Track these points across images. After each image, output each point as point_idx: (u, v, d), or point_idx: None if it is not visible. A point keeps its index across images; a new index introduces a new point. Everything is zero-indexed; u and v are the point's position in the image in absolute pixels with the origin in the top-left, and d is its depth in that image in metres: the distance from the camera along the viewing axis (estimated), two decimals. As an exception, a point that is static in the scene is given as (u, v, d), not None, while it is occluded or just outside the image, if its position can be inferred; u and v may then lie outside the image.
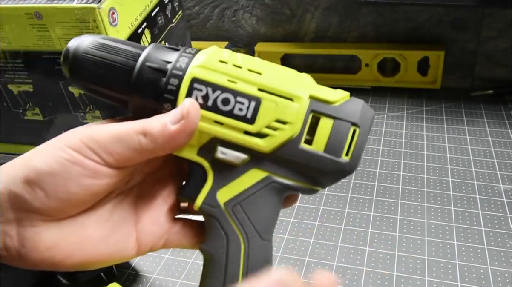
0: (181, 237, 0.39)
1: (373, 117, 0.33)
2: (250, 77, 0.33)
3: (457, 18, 0.80)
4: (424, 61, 0.83)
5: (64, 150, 0.33)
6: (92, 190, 0.34)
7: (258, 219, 0.35)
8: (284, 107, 0.33)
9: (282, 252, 0.55)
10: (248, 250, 0.35)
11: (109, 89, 0.35)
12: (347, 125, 0.32)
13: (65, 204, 0.34)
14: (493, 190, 0.63)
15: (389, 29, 0.85)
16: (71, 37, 0.60)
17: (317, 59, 0.90)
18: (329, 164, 0.33)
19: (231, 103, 0.33)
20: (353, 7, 0.84)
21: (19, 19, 0.61)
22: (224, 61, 0.33)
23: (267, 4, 0.88)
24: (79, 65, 0.34)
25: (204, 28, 0.93)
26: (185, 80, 0.33)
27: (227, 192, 0.35)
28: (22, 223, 0.34)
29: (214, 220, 0.35)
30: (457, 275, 0.53)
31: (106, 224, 0.37)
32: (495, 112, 0.78)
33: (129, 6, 0.62)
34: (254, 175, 0.34)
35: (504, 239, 0.56)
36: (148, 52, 0.34)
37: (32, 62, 0.65)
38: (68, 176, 0.33)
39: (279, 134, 0.32)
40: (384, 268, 0.54)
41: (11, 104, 0.71)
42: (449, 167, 0.67)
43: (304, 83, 0.34)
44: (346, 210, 0.61)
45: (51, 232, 0.35)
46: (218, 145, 0.34)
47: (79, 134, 0.34)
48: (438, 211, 0.60)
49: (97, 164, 0.33)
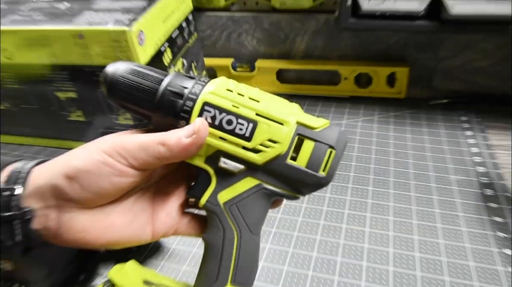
0: (188, 228, 0.39)
1: (346, 142, 0.34)
2: (250, 104, 0.34)
3: (419, 41, 0.81)
4: (392, 76, 0.83)
5: (99, 154, 0.34)
6: (119, 186, 0.35)
7: (250, 217, 0.35)
8: (276, 130, 0.33)
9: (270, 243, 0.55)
10: (240, 241, 0.35)
11: (137, 106, 0.36)
12: (325, 147, 0.33)
13: (96, 196, 0.35)
14: (444, 179, 0.63)
15: (364, 50, 0.85)
16: (107, 54, 0.61)
17: (305, 73, 0.90)
18: (309, 177, 0.34)
19: (234, 124, 0.34)
20: (335, 32, 0.85)
21: (65, 39, 0.61)
22: (230, 89, 0.34)
23: (265, 29, 0.88)
24: (114, 87, 0.35)
25: (214, 48, 0.94)
26: (198, 103, 0.34)
27: (226, 194, 0.35)
28: (60, 209, 0.35)
29: (214, 216, 0.36)
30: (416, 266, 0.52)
31: (129, 214, 0.37)
32: (449, 117, 0.78)
33: (154, 29, 0.63)
34: (249, 182, 0.35)
35: (455, 219, 0.56)
36: (170, 78, 0.35)
37: (75, 74, 0.65)
38: (100, 174, 0.34)
39: (270, 151, 0.33)
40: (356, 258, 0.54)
41: (58, 108, 0.71)
42: (411, 161, 0.67)
43: (293, 111, 0.35)
44: (327, 194, 0.62)
45: (83, 218, 0.35)
46: (221, 156, 0.35)
47: (111, 141, 0.35)
48: (400, 184, 0.61)
49: (124, 166, 0.34)
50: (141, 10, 0.61)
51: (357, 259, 0.51)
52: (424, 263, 0.50)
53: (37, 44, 0.63)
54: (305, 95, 0.88)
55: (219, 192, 0.35)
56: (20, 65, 0.67)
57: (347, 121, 0.78)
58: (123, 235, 0.36)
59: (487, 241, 0.52)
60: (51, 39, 0.62)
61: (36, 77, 0.67)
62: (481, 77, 0.81)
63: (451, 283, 0.48)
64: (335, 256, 0.52)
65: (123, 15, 0.61)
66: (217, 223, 0.35)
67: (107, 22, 0.59)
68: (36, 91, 0.69)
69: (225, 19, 0.90)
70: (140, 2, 0.64)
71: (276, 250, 0.53)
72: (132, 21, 0.58)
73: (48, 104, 0.70)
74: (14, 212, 0.34)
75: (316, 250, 0.53)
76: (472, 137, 0.72)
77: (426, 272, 0.49)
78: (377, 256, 0.52)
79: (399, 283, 0.48)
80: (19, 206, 0.34)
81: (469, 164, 0.66)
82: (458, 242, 0.53)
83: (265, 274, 0.50)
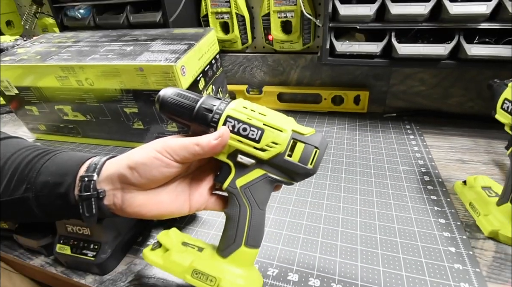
0: (214, 204, 0.39)
1: (327, 144, 0.35)
2: (259, 117, 0.34)
3: (376, 73, 0.80)
4: (358, 97, 0.82)
5: (152, 152, 0.34)
6: (166, 175, 0.35)
7: (258, 197, 0.35)
8: (277, 135, 0.34)
9: (273, 214, 0.54)
10: (251, 214, 0.35)
11: (180, 118, 0.36)
12: (312, 148, 0.34)
13: (150, 181, 0.35)
14: (395, 170, 0.62)
15: (338, 79, 0.84)
16: (160, 82, 0.61)
17: (297, 95, 0.89)
18: (301, 169, 0.34)
19: (247, 131, 0.34)
20: (318, 66, 0.84)
21: (130, 71, 0.61)
22: (245, 107, 0.35)
23: (270, 64, 0.88)
24: (164, 105, 0.35)
25: (234, 78, 0.93)
26: (222, 116, 0.34)
27: (242, 181, 0.35)
28: (124, 190, 0.35)
29: (233, 196, 0.36)
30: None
31: (173, 194, 0.37)
32: (397, 126, 0.77)
33: (192, 64, 0.63)
34: (258, 172, 0.35)
35: (404, 198, 0.55)
36: (203, 99, 0.35)
37: (137, 95, 0.65)
38: (152, 166, 0.34)
39: (273, 150, 0.34)
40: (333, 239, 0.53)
41: (125, 119, 0.71)
42: (371, 157, 0.66)
43: (289, 122, 0.35)
44: (311, 189, 0.61)
45: (140, 197, 0.36)
46: (239, 153, 0.35)
47: (161, 142, 0.35)
48: (364, 181, 0.60)
49: (170, 160, 0.34)
50: (183, 52, 0.61)
51: (335, 226, 0.50)
52: (381, 229, 0.49)
53: (110, 75, 0.63)
54: (297, 111, 0.87)
55: (237, 179, 0.35)
56: (99, 89, 0.66)
57: (326, 129, 0.78)
58: (168, 209, 0.36)
59: (427, 213, 0.51)
60: (120, 71, 0.62)
61: (110, 97, 0.67)
62: (419, 98, 0.80)
63: (401, 243, 0.47)
64: (319, 223, 0.51)
65: (171, 55, 0.60)
66: (235, 201, 0.35)
67: (160, 60, 0.59)
68: (110, 107, 0.69)
69: (241, 58, 0.90)
70: (183, 46, 0.63)
71: (277, 219, 0.52)
72: (177, 59, 0.58)
73: (118, 116, 0.70)
74: (92, 192, 0.34)
75: (305, 219, 0.52)
76: (414, 139, 0.71)
77: (383, 235, 0.48)
78: (348, 223, 0.51)
79: (364, 242, 0.47)
80: (95, 188, 0.34)
81: (412, 158, 0.65)
82: (406, 213, 0.52)
83: (269, 236, 0.49)
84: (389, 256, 0.45)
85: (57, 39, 0.80)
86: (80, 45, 0.73)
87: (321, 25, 0.75)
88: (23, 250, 0.50)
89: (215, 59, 0.72)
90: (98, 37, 0.77)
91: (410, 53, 0.63)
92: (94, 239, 0.44)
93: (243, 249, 0.35)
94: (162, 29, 0.76)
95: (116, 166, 0.35)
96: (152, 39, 0.69)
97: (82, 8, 0.88)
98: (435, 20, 0.61)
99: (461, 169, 0.61)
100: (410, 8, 0.60)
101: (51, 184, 0.35)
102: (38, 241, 0.47)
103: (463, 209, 0.52)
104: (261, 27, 0.84)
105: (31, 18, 1.08)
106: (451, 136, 0.72)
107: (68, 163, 0.36)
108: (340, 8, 0.63)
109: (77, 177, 0.35)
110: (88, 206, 0.34)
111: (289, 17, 0.79)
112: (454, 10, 0.57)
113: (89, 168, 0.35)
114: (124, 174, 0.34)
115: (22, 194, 0.35)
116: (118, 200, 0.35)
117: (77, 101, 0.70)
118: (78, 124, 0.76)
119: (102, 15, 0.87)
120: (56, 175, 0.35)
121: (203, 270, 0.35)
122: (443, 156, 0.65)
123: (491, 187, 0.53)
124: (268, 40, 0.85)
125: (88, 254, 0.44)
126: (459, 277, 0.41)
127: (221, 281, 0.34)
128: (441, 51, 0.61)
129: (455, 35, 0.61)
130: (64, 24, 0.92)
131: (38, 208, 0.36)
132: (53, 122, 0.78)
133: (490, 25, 0.58)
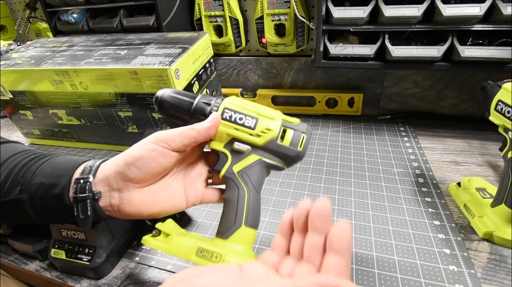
0: (209, 197, 0.40)
1: (312, 131, 0.38)
2: (252, 108, 0.37)
3: (370, 75, 0.80)
4: (351, 99, 0.82)
5: (147, 144, 0.34)
6: (163, 165, 0.35)
7: (254, 180, 0.37)
8: (270, 123, 0.37)
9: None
10: (249, 196, 0.36)
11: (179, 114, 0.38)
12: (300, 133, 0.37)
13: (148, 174, 0.35)
14: (390, 172, 0.62)
15: (332, 82, 0.84)
16: (154, 85, 0.61)
17: (291, 98, 0.89)
18: (292, 151, 0.36)
19: (243, 120, 0.37)
20: (311, 69, 0.84)
21: (124, 75, 0.61)
22: (240, 101, 0.38)
23: (263, 68, 0.88)
24: (162, 104, 0.38)
25: (228, 81, 0.93)
26: (220, 108, 0.37)
27: (238, 166, 0.37)
28: (122, 190, 0.35)
29: (231, 180, 0.37)
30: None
31: (168, 191, 0.38)
32: (391, 128, 0.77)
33: (186, 68, 0.62)
34: (253, 157, 0.37)
35: (398, 200, 0.55)
36: (201, 96, 0.39)
37: (131, 99, 0.65)
38: (150, 157, 0.34)
39: (267, 135, 0.36)
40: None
41: (120, 123, 0.70)
42: (365, 159, 0.66)
43: (278, 113, 0.38)
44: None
45: (139, 194, 0.36)
46: (235, 141, 0.37)
47: (156, 134, 0.35)
48: (357, 178, 0.60)
49: (166, 149, 0.35)
50: (177, 55, 0.61)
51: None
52: (376, 231, 0.49)
53: (105, 79, 0.62)
54: (291, 114, 0.85)
55: (234, 165, 0.37)
56: (93, 93, 0.66)
57: (320, 131, 0.77)
58: (167, 205, 0.37)
59: (422, 215, 0.51)
60: (114, 75, 0.61)
61: (104, 101, 0.67)
62: (413, 100, 0.80)
63: (396, 245, 0.46)
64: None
65: (165, 58, 0.60)
66: (233, 185, 0.37)
67: (154, 63, 0.58)
68: (104, 111, 0.69)
69: (235, 61, 0.89)
70: (177, 49, 0.63)
71: (272, 222, 0.52)
72: (171, 63, 0.58)
73: (112, 120, 0.70)
74: (87, 193, 0.34)
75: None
76: (408, 141, 0.71)
77: (378, 237, 0.48)
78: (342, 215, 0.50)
79: (358, 244, 0.47)
80: (90, 189, 0.34)
81: (406, 160, 0.65)
82: (400, 215, 0.51)
83: (265, 239, 0.49)
84: (384, 258, 0.44)
85: (52, 44, 0.79)
86: (74, 49, 0.73)
87: (314, 28, 0.75)
88: (18, 254, 0.50)
89: (209, 62, 0.72)
90: (92, 41, 0.77)
91: (403, 55, 0.63)
92: (89, 243, 0.44)
93: (243, 229, 0.35)
94: (156, 33, 0.76)
95: (112, 166, 0.35)
96: (146, 43, 0.69)
97: (76, 12, 0.87)
98: (428, 22, 0.61)
99: (455, 171, 0.61)
100: (403, 10, 0.60)
101: (46, 186, 0.35)
102: (33, 245, 0.47)
103: (458, 210, 0.52)
104: (254, 30, 0.84)
105: (24, 22, 1.07)
106: (445, 138, 0.72)
107: (64, 166, 0.36)
108: (334, 11, 0.63)
109: (72, 179, 0.35)
110: (83, 208, 0.34)
111: (282, 20, 0.79)
112: (447, 12, 0.58)
113: (84, 170, 0.35)
114: (123, 171, 0.34)
115: (17, 195, 0.35)
116: (115, 201, 0.35)
117: (72, 105, 0.70)
118: (73, 128, 0.75)
119: (95, 19, 0.87)
120: (51, 176, 0.35)
121: (208, 248, 0.35)
122: (437, 158, 0.65)
123: (486, 188, 0.53)
124: (262, 43, 0.85)
125: (83, 258, 0.44)
126: (454, 278, 0.41)
127: (226, 256, 0.34)
128: (435, 53, 0.62)
129: (448, 37, 0.61)
130: (58, 28, 0.91)
131: (33, 210, 0.35)
132: (48, 127, 0.78)
133: (484, 27, 0.58)
